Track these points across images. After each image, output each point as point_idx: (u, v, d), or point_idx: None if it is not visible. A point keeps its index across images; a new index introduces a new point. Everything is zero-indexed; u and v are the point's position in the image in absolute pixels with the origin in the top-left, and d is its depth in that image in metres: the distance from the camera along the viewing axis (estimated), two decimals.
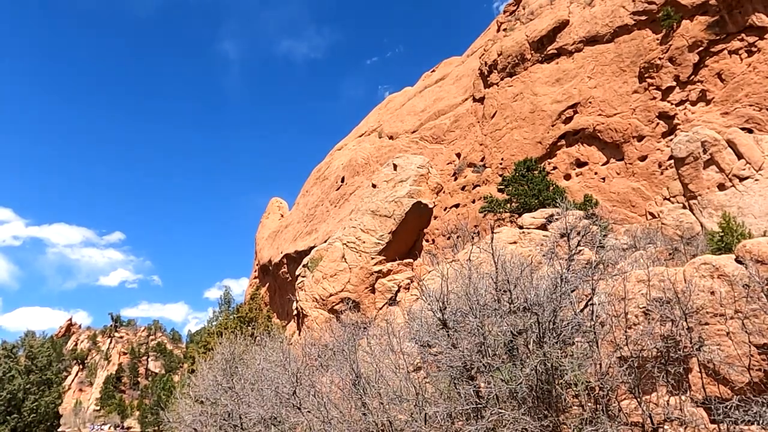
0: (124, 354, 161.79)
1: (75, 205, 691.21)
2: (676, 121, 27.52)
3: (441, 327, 12.24)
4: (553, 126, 33.33)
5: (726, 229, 15.74)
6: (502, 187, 31.05)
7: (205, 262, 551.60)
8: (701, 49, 26.90)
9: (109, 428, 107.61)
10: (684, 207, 22.61)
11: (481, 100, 40.65)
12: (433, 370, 12.85)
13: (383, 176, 40.52)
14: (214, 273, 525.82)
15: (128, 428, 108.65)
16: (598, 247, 16.13)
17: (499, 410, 10.15)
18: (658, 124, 28.31)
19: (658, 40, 28.65)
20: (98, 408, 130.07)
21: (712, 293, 10.29)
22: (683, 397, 10.16)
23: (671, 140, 25.06)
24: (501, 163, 35.95)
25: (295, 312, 36.78)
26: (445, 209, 39.37)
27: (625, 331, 10.75)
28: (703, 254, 12.94)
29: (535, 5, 38.00)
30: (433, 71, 59.43)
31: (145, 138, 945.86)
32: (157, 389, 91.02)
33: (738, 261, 10.39)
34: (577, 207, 25.08)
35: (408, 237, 37.88)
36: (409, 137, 48.39)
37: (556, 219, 22.28)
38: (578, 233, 15.25)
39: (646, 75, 28.96)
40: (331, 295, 33.85)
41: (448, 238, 33.80)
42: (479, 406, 10.74)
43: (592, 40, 32.35)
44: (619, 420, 10.13)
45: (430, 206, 38.45)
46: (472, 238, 24.01)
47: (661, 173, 27.44)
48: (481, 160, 38.23)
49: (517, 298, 11.45)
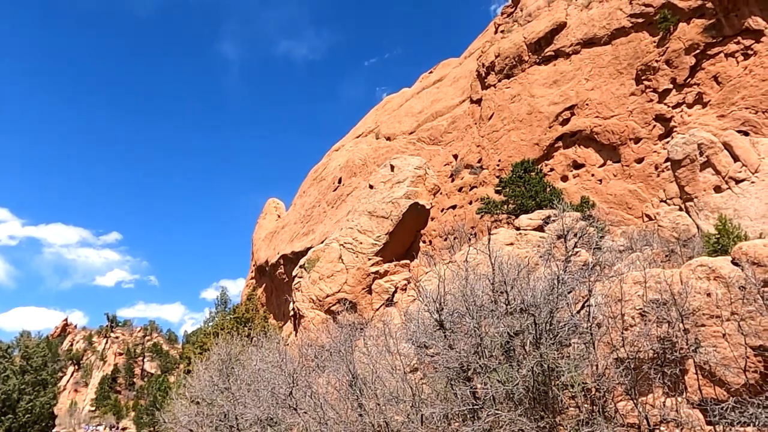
0: (120, 354, 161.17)
1: (72, 205, 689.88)
2: (672, 123, 27.60)
3: (438, 328, 12.24)
4: (550, 128, 33.39)
5: (722, 232, 15.76)
6: (499, 188, 31.09)
7: (202, 263, 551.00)
8: (698, 51, 26.99)
9: (104, 429, 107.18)
10: (680, 209, 22.66)
11: (479, 101, 40.69)
12: (430, 371, 12.84)
13: (380, 177, 40.50)
14: (211, 274, 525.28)
15: (123, 429, 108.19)
16: (594, 248, 16.16)
17: (496, 411, 10.15)
18: (654, 126, 28.40)
19: (654, 42, 28.74)
20: (93, 409, 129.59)
21: (709, 295, 10.31)
22: (679, 399, 10.18)
23: (668, 142, 25.12)
24: (498, 165, 35.98)
25: (292, 313, 36.73)
26: (442, 210, 39.38)
27: (622, 333, 10.77)
28: (700, 256, 12.97)
29: (532, 7, 38.07)
30: (431, 72, 59.48)
31: (143, 138, 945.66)
32: (152, 390, 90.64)
33: (734, 263, 10.42)
34: (574, 209, 25.11)
35: (405, 238, 37.85)
36: (406, 138, 48.40)
37: (553, 220, 22.31)
38: (575, 235, 15.28)
39: (642, 77, 29.04)
40: (327, 295, 33.81)
41: (446, 240, 33.84)
42: (476, 407, 10.74)
43: (589, 43, 32.43)
44: (615, 421, 10.14)
45: (428, 207, 38.43)
46: (469, 239, 24.06)
47: (658, 175, 27.52)
48: (479, 162, 38.26)
49: (514, 300, 11.46)
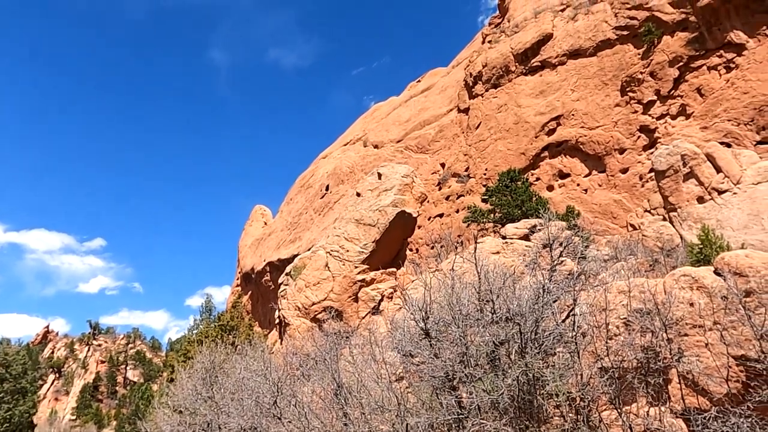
0: (102, 362, 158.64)
1: (56, 210, 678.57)
2: (656, 134, 27.94)
3: (423, 336, 12.21)
4: (536, 137, 33.65)
5: (705, 242, 15.94)
6: (485, 197, 31.21)
7: (187, 270, 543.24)
8: (681, 64, 27.40)
9: None
10: (664, 219, 22.90)
11: (466, 110, 40.92)
12: (415, 380, 12.80)
13: (368, 185, 40.50)
14: (196, 281, 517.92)
15: None
16: (579, 257, 16.25)
17: (481, 421, 10.13)
18: (639, 137, 28.73)
19: (639, 54, 29.14)
20: (74, 418, 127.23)
21: (692, 305, 10.40)
22: (663, 408, 10.22)
23: (652, 153, 25.43)
24: (485, 174, 36.16)
25: (277, 320, 36.49)
26: (429, 219, 39.45)
27: (606, 342, 10.81)
28: (683, 266, 13.08)
29: (519, 18, 38.45)
30: (419, 81, 59.75)
31: (130, 142, 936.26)
32: (135, 398, 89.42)
33: (717, 273, 10.52)
34: (559, 218, 25.27)
35: (392, 246, 37.84)
36: (394, 146, 48.49)
37: (539, 230, 22.42)
38: (560, 244, 15.39)
39: (627, 89, 29.41)
40: (313, 303, 33.64)
41: (432, 248, 33.85)
42: (461, 416, 10.70)
43: (575, 54, 32.80)
44: (599, 431, 10.16)
45: (414, 215, 38.49)
46: (456, 247, 24.09)
47: (642, 185, 27.81)
48: (466, 170, 38.42)
49: (500, 308, 11.48)
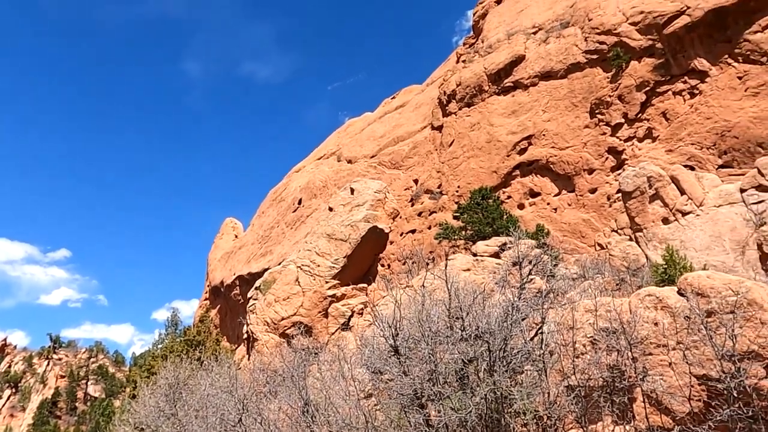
0: (62, 377, 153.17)
1: (19, 220, 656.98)
2: (624, 156, 28.62)
3: (393, 353, 12.13)
4: (508, 156, 34.13)
5: (669, 262, 16.30)
6: (457, 214, 31.44)
7: (154, 283, 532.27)
8: (648, 89, 28.21)
9: None
10: (630, 239, 23.38)
11: (440, 128, 41.33)
12: (384, 398, 12.68)
13: (340, 200, 40.42)
14: (163, 294, 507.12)
15: None
16: (548, 276, 16.43)
17: None
18: (607, 158, 29.38)
19: (608, 78, 29.92)
20: None
21: (656, 324, 10.58)
22: (627, 427, 10.32)
23: (619, 174, 26.00)
24: (457, 191, 36.46)
25: (246, 336, 35.88)
26: (401, 234, 39.49)
27: (573, 360, 10.91)
28: (648, 286, 13.33)
29: (493, 39, 39.17)
30: (394, 98, 60.15)
31: (98, 152, 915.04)
32: (95, 415, 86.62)
33: (680, 293, 10.74)
34: (529, 236, 25.59)
35: (363, 261, 37.73)
36: (367, 162, 48.58)
37: (509, 247, 22.65)
38: (530, 262, 15.55)
39: (596, 111, 30.12)
40: (283, 318, 33.21)
41: (404, 264, 33.85)
42: None
43: (546, 76, 33.50)
44: None
45: (387, 231, 38.50)
46: (427, 264, 24.16)
47: (610, 206, 28.37)
48: (438, 187, 38.68)
49: (469, 326, 11.48)
